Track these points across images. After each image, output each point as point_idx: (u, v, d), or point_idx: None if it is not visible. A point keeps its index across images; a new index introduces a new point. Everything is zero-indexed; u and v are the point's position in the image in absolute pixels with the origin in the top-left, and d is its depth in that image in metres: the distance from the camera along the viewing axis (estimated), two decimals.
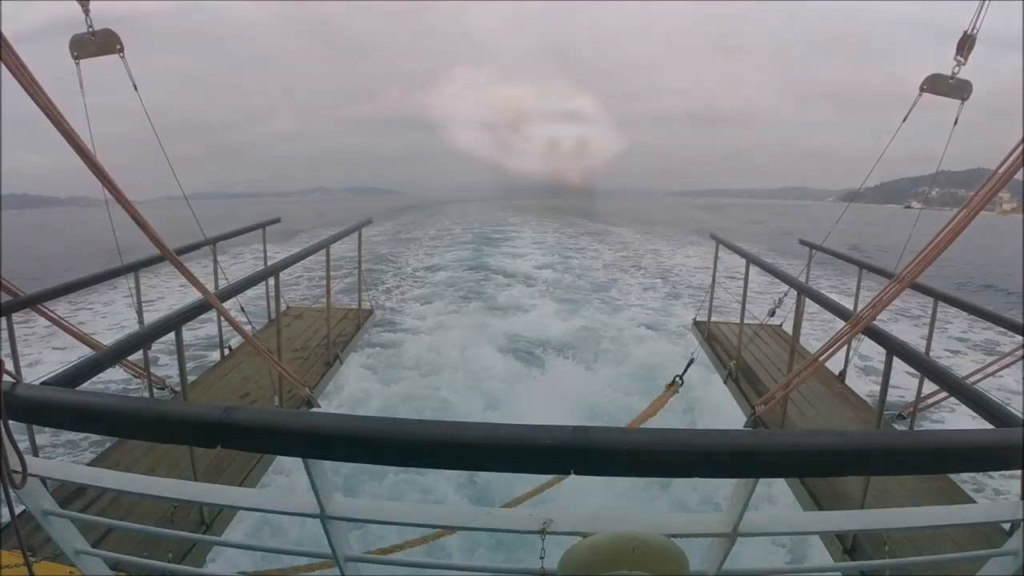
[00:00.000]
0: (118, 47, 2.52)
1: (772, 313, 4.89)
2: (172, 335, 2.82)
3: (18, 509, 1.37)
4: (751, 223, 51.93)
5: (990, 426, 2.00)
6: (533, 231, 34.30)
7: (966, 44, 2.54)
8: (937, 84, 2.72)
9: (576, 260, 22.23)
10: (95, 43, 2.47)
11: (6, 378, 1.21)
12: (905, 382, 6.46)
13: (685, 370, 3.69)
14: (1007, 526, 2.30)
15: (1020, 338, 3.93)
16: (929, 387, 4.31)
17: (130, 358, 3.39)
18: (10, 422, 1.21)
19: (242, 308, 4.08)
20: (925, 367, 2.70)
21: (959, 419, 6.76)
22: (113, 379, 7.74)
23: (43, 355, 9.16)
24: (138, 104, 2.82)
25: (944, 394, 4.02)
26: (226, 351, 5.63)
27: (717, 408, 7.31)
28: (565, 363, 9.95)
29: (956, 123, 2.78)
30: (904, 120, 2.89)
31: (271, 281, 4.46)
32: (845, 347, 4.42)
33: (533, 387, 8.78)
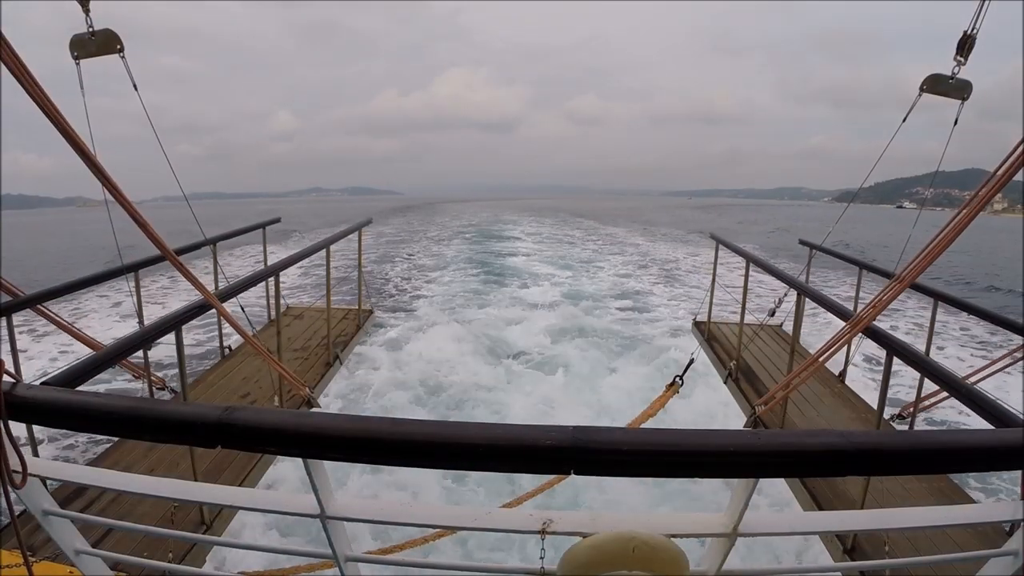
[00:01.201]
0: (118, 47, 2.52)
1: (772, 313, 4.90)
2: (172, 335, 2.82)
3: (18, 509, 1.37)
4: (745, 223, 52.62)
5: (990, 426, 2.00)
6: (529, 226, 36.21)
7: (966, 44, 2.54)
8: (937, 84, 2.72)
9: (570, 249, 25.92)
10: (95, 43, 2.47)
11: (6, 378, 1.21)
12: (905, 382, 6.45)
13: (685, 370, 3.69)
14: (1007, 526, 2.30)
15: (1020, 338, 3.93)
16: (929, 387, 4.31)
17: (130, 358, 3.39)
18: (10, 422, 1.21)
19: (242, 308, 4.08)
20: (925, 367, 2.70)
21: (959, 419, 6.77)
22: (113, 379, 7.74)
23: (43, 355, 9.18)
24: (132, 105, 2.81)
25: (944, 394, 4.02)
26: (226, 351, 5.63)
27: (717, 408, 7.33)
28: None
29: (956, 123, 2.78)
30: (904, 120, 2.90)
31: (271, 281, 4.47)
32: (845, 347, 4.42)
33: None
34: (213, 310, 3.16)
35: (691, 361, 3.89)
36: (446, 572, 1.69)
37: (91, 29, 2.44)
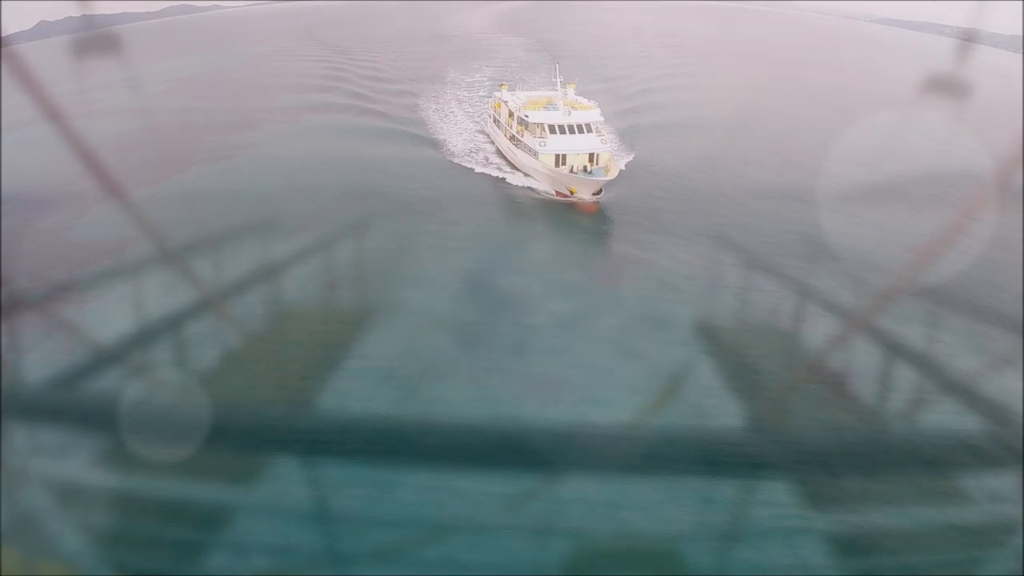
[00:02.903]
0: (118, 47, 2.52)
1: (772, 313, 4.90)
2: (172, 335, 2.82)
3: (18, 509, 1.38)
4: (742, 223, 52.49)
5: (990, 426, 2.01)
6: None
7: (966, 44, 2.53)
8: (936, 84, 2.72)
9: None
10: (95, 43, 2.47)
11: (5, 378, 1.21)
12: (905, 382, 6.47)
13: (686, 371, 3.69)
14: (1007, 526, 2.31)
15: (1020, 338, 3.94)
16: (929, 387, 4.32)
17: (130, 358, 3.40)
18: (10, 422, 1.21)
19: (242, 308, 4.08)
20: (925, 367, 2.71)
21: (959, 419, 6.77)
22: (113, 379, 7.73)
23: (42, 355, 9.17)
24: (130, 105, 2.81)
25: (944, 394, 4.03)
26: (226, 351, 5.63)
27: (717, 408, 7.33)
28: None
29: (955, 123, 2.78)
30: (903, 120, 2.90)
31: (271, 281, 4.47)
32: (845, 347, 4.42)
33: None
34: (213, 310, 3.16)
35: (691, 361, 3.89)
36: (446, 572, 1.70)
37: (91, 29, 2.45)
